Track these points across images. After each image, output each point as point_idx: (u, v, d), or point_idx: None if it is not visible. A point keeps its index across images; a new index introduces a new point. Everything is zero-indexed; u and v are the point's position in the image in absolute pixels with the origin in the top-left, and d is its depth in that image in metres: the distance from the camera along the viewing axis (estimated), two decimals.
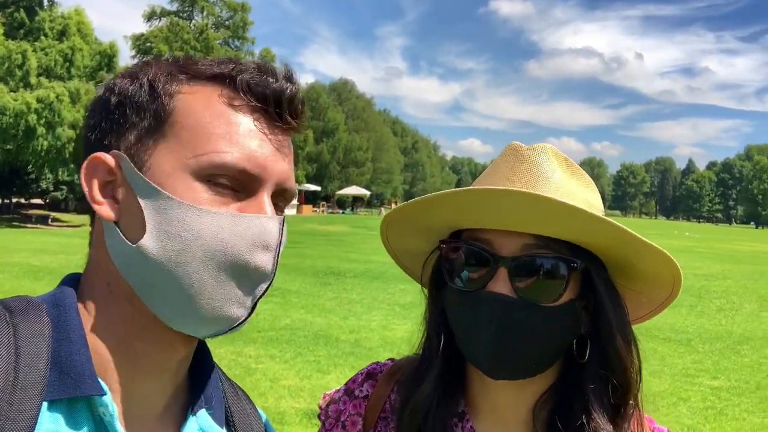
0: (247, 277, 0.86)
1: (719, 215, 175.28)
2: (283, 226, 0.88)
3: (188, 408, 0.99)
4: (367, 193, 78.56)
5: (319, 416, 1.37)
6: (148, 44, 53.87)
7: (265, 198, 0.89)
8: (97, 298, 0.90)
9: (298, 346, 9.40)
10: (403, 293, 14.29)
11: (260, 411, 1.18)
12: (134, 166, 0.87)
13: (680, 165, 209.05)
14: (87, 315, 0.89)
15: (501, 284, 1.09)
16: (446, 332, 1.21)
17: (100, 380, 0.84)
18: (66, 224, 38.56)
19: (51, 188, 55.13)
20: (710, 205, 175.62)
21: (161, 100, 0.89)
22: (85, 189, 0.89)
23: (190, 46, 53.77)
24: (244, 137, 0.88)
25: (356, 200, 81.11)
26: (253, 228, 0.85)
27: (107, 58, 43.90)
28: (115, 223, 0.88)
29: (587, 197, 1.17)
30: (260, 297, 0.88)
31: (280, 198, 0.94)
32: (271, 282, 0.88)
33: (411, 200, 1.18)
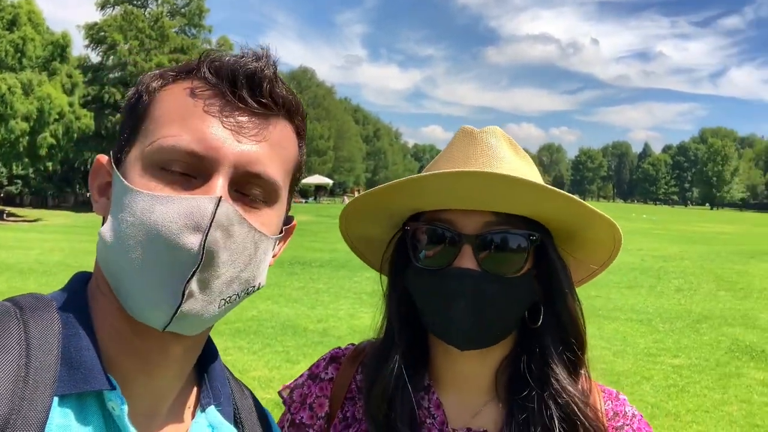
0: (174, 260, 0.81)
1: (675, 197, 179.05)
2: (217, 205, 0.81)
3: (197, 405, 1.00)
4: (330, 181, 78.28)
5: (283, 402, 1.40)
6: (102, 33, 52.68)
7: (218, 181, 0.84)
8: (97, 295, 0.91)
9: (266, 337, 9.37)
10: (369, 281, 14.32)
11: (265, 409, 1.19)
12: (115, 163, 0.90)
13: (636, 149, 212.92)
14: (94, 312, 0.90)
15: (467, 260, 1.17)
16: (408, 312, 1.27)
17: (109, 375, 0.85)
18: (21, 219, 37.63)
19: (5, 182, 53.73)
20: (666, 187, 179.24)
21: (143, 99, 0.91)
22: (90, 189, 0.93)
23: (145, 34, 52.75)
24: (197, 120, 0.86)
25: (319, 189, 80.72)
26: (185, 208, 0.81)
27: (60, 48, 42.73)
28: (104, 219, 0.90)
29: (534, 176, 1.25)
30: (189, 280, 0.81)
31: (253, 185, 0.89)
32: (200, 264, 0.81)
33: (377, 187, 1.23)
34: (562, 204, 1.16)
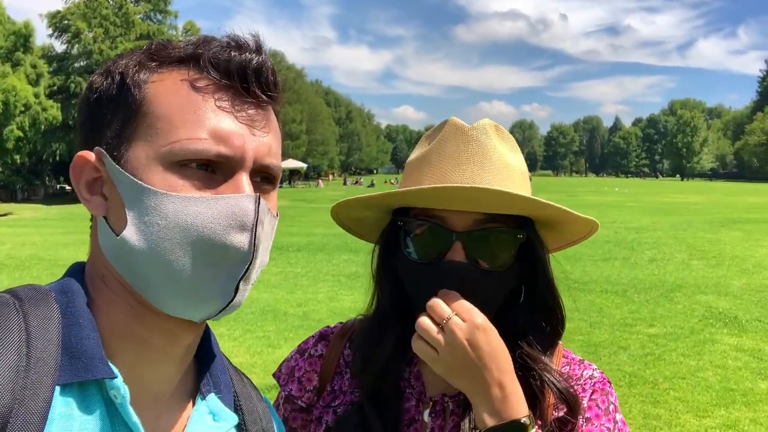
0: (226, 258, 0.84)
1: (646, 170, 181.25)
2: (258, 203, 0.85)
3: (197, 392, 1.00)
4: (304, 165, 77.80)
5: (276, 377, 1.48)
6: (66, 22, 51.62)
7: (243, 178, 0.87)
8: (97, 288, 0.91)
9: (247, 323, 9.36)
10: (347, 264, 14.35)
11: (263, 396, 1.20)
12: (113, 160, 0.87)
13: (607, 123, 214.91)
14: (92, 303, 0.90)
15: (457, 255, 1.24)
16: (399, 291, 1.33)
17: (110, 363, 0.85)
18: None
19: None
20: (637, 160, 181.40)
21: (131, 91, 0.89)
22: (75, 187, 0.91)
23: (110, 21, 51.82)
24: (214, 119, 0.86)
25: (293, 173, 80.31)
26: (227, 209, 0.84)
27: (23, 38, 41.89)
28: (105, 217, 0.89)
29: (520, 167, 1.32)
30: (243, 277, 0.85)
31: (263, 175, 0.92)
32: (252, 261, 0.85)
33: (371, 195, 1.28)
34: (547, 211, 1.25)
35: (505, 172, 1.26)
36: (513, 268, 1.29)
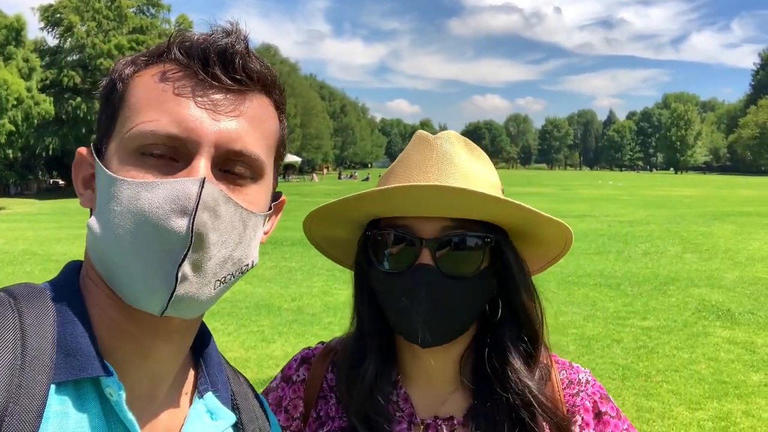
0: (164, 244, 0.81)
1: (640, 163, 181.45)
2: (202, 187, 0.81)
3: (195, 391, 1.00)
4: (298, 159, 77.68)
5: None
6: (58, 15, 51.19)
7: (200, 162, 0.84)
8: (88, 285, 0.91)
9: (241, 317, 9.35)
10: None
11: (259, 394, 1.20)
12: (97, 154, 0.89)
13: (601, 116, 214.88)
14: (87, 300, 0.90)
15: (426, 260, 1.24)
16: (376, 310, 1.32)
17: (106, 362, 0.85)
18: None
19: None
20: (631, 153, 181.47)
21: (117, 88, 0.91)
22: (74, 182, 0.93)
23: (103, 15, 51.46)
24: (171, 103, 0.86)
25: (287, 168, 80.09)
26: (170, 193, 0.81)
27: (15, 31, 41.61)
28: (91, 211, 0.90)
29: (488, 176, 1.32)
30: (181, 263, 0.81)
31: (236, 163, 0.89)
32: (190, 247, 0.81)
33: (338, 199, 1.28)
34: (512, 210, 1.23)
35: (469, 178, 1.26)
36: (486, 279, 1.28)
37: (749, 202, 33.43)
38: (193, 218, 0.80)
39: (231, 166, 0.89)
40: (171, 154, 0.85)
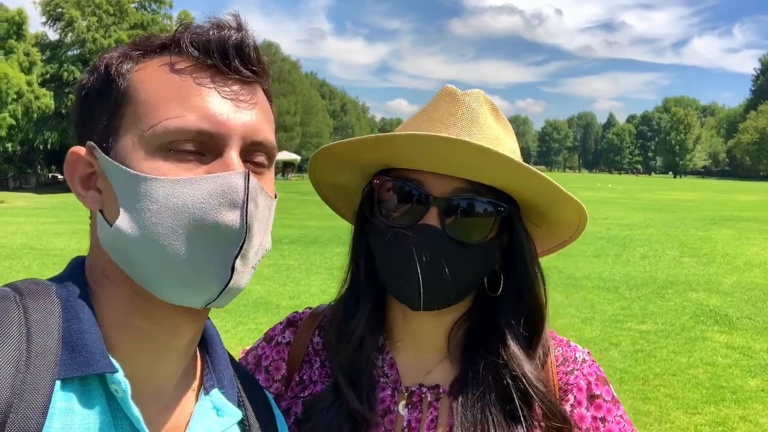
0: (219, 238, 0.82)
1: (639, 166, 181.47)
2: (248, 179, 0.83)
3: (201, 388, 1.00)
4: (298, 157, 77.61)
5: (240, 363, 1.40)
6: (59, 10, 51.20)
7: (232, 155, 0.85)
8: (98, 281, 0.91)
9: (239, 315, 9.34)
10: (339, 257, 14.22)
11: (265, 391, 1.19)
12: (103, 152, 0.87)
13: (601, 119, 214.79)
14: (93, 297, 0.89)
15: (432, 221, 1.17)
16: (372, 268, 1.28)
17: (111, 358, 0.84)
18: None
19: None
20: (630, 157, 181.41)
21: (116, 82, 0.89)
22: (69, 183, 0.92)
23: (103, 10, 51.47)
24: (195, 97, 0.86)
25: (287, 166, 79.98)
26: (216, 187, 0.82)
27: (16, 25, 41.59)
28: (101, 211, 0.89)
29: (511, 144, 1.26)
30: (237, 256, 0.83)
31: (256, 153, 0.91)
32: (245, 239, 0.83)
33: (353, 139, 1.21)
34: (534, 182, 1.17)
35: (494, 142, 1.18)
36: (490, 250, 1.23)
37: (748, 207, 33.45)
38: (246, 210, 0.83)
39: (252, 156, 0.91)
40: (199, 148, 0.85)
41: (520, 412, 1.21)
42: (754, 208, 32.47)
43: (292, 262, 14.04)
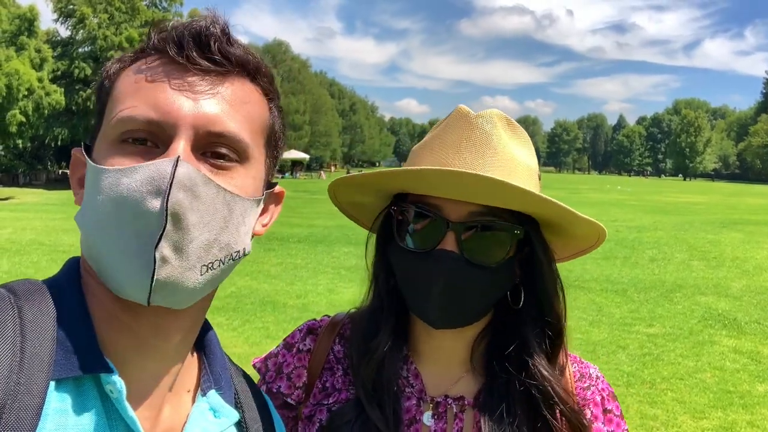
0: (142, 225, 0.79)
1: (649, 168, 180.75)
2: (175, 166, 0.80)
3: (198, 389, 1.00)
4: (306, 156, 77.74)
5: (258, 371, 1.42)
6: (71, 6, 51.36)
7: (179, 145, 0.83)
8: (87, 279, 0.91)
9: (246, 313, 9.36)
10: (347, 256, 14.33)
11: (263, 393, 1.19)
12: (88, 151, 0.90)
13: (611, 121, 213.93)
14: (87, 296, 0.89)
15: (450, 246, 1.20)
16: (394, 284, 1.30)
17: (106, 358, 0.84)
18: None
19: None
20: (640, 159, 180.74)
21: (104, 86, 0.92)
22: (70, 182, 0.94)
23: (115, 7, 51.61)
24: (148, 89, 0.87)
25: (295, 164, 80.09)
26: (147, 175, 0.80)
27: (27, 22, 41.78)
28: None
29: (527, 161, 1.26)
30: (158, 245, 0.79)
31: (218, 145, 0.87)
32: (165, 227, 0.79)
33: (370, 172, 1.24)
34: (549, 207, 1.18)
35: (508, 165, 1.21)
36: (509, 268, 1.25)
37: (758, 210, 33.27)
38: (167, 197, 0.79)
39: (213, 149, 0.88)
40: (152, 140, 0.85)
41: (545, 425, 1.24)
42: (764, 211, 32.28)
43: (299, 260, 14.05)
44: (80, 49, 51.96)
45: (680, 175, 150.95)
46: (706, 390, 6.75)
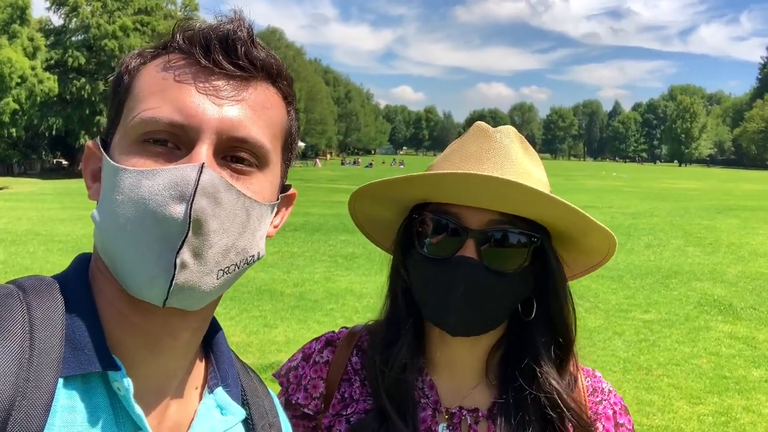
0: (165, 231, 0.79)
1: (644, 155, 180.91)
2: (201, 172, 0.80)
3: (205, 386, 1.00)
4: (302, 144, 77.50)
5: (280, 384, 1.45)
6: None
7: (202, 150, 0.83)
8: (97, 276, 0.90)
9: (243, 302, 9.37)
10: (344, 244, 14.34)
11: (269, 389, 1.18)
12: (105, 146, 0.89)
13: (607, 107, 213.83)
14: (96, 293, 0.89)
15: (469, 253, 1.24)
16: (411, 296, 1.33)
17: (114, 356, 0.84)
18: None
19: None
20: (636, 145, 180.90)
21: (123, 81, 0.91)
22: (83, 175, 0.93)
23: None
24: (173, 90, 0.85)
25: None
26: (170, 179, 0.80)
27: (19, 10, 41.50)
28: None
29: (541, 177, 1.32)
30: (179, 250, 0.79)
31: (240, 150, 0.87)
32: (188, 233, 0.79)
33: (393, 177, 1.28)
34: (563, 212, 1.23)
35: (524, 176, 1.25)
36: (525, 277, 1.29)
37: (753, 196, 33.37)
38: (191, 204, 0.79)
39: (235, 154, 0.87)
40: (174, 142, 0.84)
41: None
42: (760, 197, 32.37)
43: (296, 249, 14.06)
44: (74, 38, 51.67)
45: (676, 161, 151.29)
46: (702, 375, 6.80)
